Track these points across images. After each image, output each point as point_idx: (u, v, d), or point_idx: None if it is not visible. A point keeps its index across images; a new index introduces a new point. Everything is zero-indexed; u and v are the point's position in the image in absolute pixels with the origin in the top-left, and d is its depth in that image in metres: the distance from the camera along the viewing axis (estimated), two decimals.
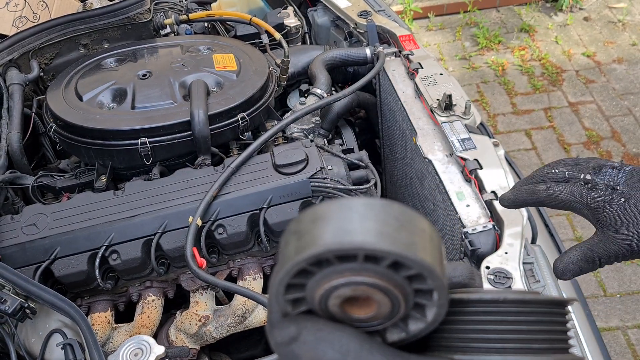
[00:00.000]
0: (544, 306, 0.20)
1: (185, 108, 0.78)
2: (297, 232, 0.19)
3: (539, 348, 0.20)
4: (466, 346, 0.20)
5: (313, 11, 1.21)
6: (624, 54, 2.31)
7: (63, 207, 0.73)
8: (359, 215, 0.18)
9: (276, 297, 0.19)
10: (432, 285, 0.19)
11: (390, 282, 0.19)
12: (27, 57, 0.91)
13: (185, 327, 0.71)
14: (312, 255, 0.18)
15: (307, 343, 0.19)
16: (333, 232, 0.18)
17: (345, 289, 0.19)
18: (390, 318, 0.20)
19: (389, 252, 0.18)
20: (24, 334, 0.66)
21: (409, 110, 0.92)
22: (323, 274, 0.19)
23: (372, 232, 0.18)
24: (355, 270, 0.18)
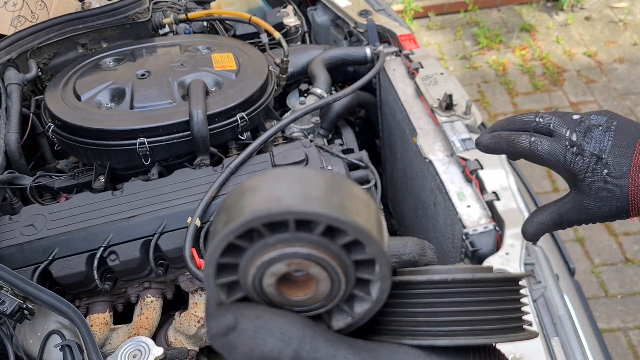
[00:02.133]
0: (494, 284, 0.19)
1: (184, 108, 0.78)
2: (224, 207, 0.18)
3: (490, 329, 0.19)
4: (415, 330, 0.19)
5: (313, 10, 1.21)
6: (625, 53, 2.30)
7: (61, 208, 0.73)
8: (287, 182, 0.17)
9: (207, 282, 0.18)
10: (371, 253, 0.18)
11: (326, 252, 0.17)
12: (26, 56, 0.90)
13: (184, 328, 0.71)
14: (238, 225, 0.16)
15: (245, 332, 0.17)
16: (260, 200, 0.17)
17: (279, 265, 0.17)
18: (331, 298, 0.18)
19: (319, 215, 0.16)
20: (22, 335, 0.66)
21: (410, 110, 0.91)
22: (254, 249, 0.17)
23: (301, 196, 0.17)
24: (287, 241, 0.17)
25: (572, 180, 0.37)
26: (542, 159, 0.37)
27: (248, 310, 0.18)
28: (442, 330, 0.19)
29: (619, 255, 1.59)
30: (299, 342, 0.17)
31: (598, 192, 0.35)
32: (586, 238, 1.63)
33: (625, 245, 1.61)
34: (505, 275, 0.19)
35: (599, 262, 1.58)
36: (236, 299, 0.19)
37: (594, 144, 0.35)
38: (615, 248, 1.60)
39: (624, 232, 1.64)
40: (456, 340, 0.18)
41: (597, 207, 0.35)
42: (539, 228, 0.38)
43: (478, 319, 0.19)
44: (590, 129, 0.36)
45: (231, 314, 0.18)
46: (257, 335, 0.17)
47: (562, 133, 0.36)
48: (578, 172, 0.35)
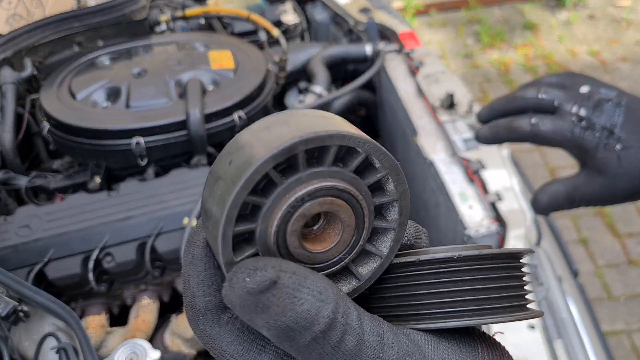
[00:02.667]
0: (500, 260, 0.18)
1: (181, 107, 0.77)
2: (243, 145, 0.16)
3: (498, 307, 0.18)
4: (420, 313, 0.18)
5: (312, 8, 1.20)
6: (628, 52, 2.28)
7: (57, 208, 0.72)
8: (315, 117, 0.16)
9: (224, 232, 0.15)
10: (398, 193, 0.17)
11: (358, 190, 0.16)
12: (21, 55, 0.89)
13: (181, 331, 0.70)
14: (284, 149, 0.15)
15: (285, 289, 0.15)
16: (298, 128, 0.15)
17: (312, 203, 0.16)
18: (350, 250, 0.17)
19: (367, 142, 0.16)
20: (18, 338, 0.65)
21: (410, 109, 0.90)
22: (286, 185, 0.15)
23: (343, 126, 0.16)
24: (324, 175, 0.16)
25: (582, 157, 0.34)
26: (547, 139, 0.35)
27: (284, 264, 0.16)
28: (449, 311, 0.18)
29: (623, 256, 1.57)
30: (335, 303, 0.16)
31: (611, 168, 0.32)
32: (589, 239, 1.61)
33: (629, 247, 1.59)
34: (510, 250, 0.19)
35: (602, 263, 1.56)
36: (246, 256, 0.16)
37: (605, 118, 0.33)
38: (618, 249, 1.59)
39: (628, 233, 1.62)
40: (465, 321, 0.17)
41: (610, 184, 0.33)
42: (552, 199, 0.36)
43: (485, 298, 0.18)
44: (600, 103, 0.33)
45: (270, 267, 0.15)
46: (295, 294, 0.15)
47: (568, 109, 0.34)
48: (589, 147, 0.33)
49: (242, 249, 0.17)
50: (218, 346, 0.17)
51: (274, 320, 0.15)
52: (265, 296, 0.15)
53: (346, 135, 0.16)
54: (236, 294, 0.15)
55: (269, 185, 0.16)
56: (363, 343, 0.16)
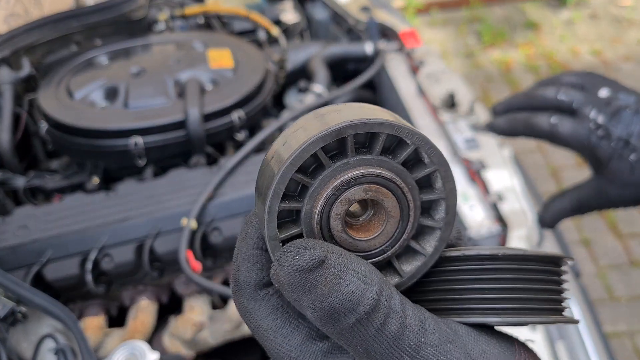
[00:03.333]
0: (542, 263, 0.19)
1: (180, 106, 0.76)
2: (298, 129, 0.16)
3: (538, 308, 0.18)
4: (462, 308, 0.18)
5: (312, 6, 1.19)
6: (630, 51, 2.27)
7: (55, 209, 0.71)
8: (368, 108, 0.17)
9: (271, 206, 0.16)
10: (444, 191, 0.17)
11: (405, 181, 0.17)
12: (19, 54, 0.89)
13: (179, 333, 0.69)
14: (334, 130, 0.15)
15: (332, 269, 0.15)
16: (350, 115, 0.16)
17: (358, 189, 0.16)
18: (393, 243, 0.17)
19: (416, 134, 0.16)
20: (15, 339, 0.64)
21: (411, 108, 0.89)
22: (333, 168, 0.16)
23: (393, 117, 0.17)
24: (371, 163, 0.16)
25: (596, 164, 0.35)
26: (564, 141, 0.35)
27: (332, 246, 0.16)
28: (490, 308, 0.18)
29: (625, 257, 1.56)
30: (379, 286, 0.16)
31: (623, 178, 0.33)
32: (592, 240, 1.61)
33: (631, 248, 1.58)
34: (552, 254, 0.19)
35: (604, 264, 1.55)
36: (291, 234, 0.17)
37: (622, 127, 0.33)
38: (620, 250, 1.58)
39: (630, 234, 1.61)
40: (506, 318, 0.18)
41: (619, 194, 0.33)
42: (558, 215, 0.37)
43: (526, 297, 0.18)
44: (619, 111, 0.34)
45: (319, 247, 0.16)
46: (341, 275, 0.16)
47: (586, 114, 0.34)
48: (603, 156, 0.34)
49: (288, 227, 0.17)
50: (254, 320, 0.17)
51: (320, 301, 0.15)
52: (313, 275, 0.15)
53: (395, 125, 0.16)
54: (285, 272, 0.16)
55: (318, 168, 0.16)
56: (405, 327, 0.16)
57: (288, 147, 0.16)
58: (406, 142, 0.16)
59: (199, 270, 0.65)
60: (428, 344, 0.16)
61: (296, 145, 0.16)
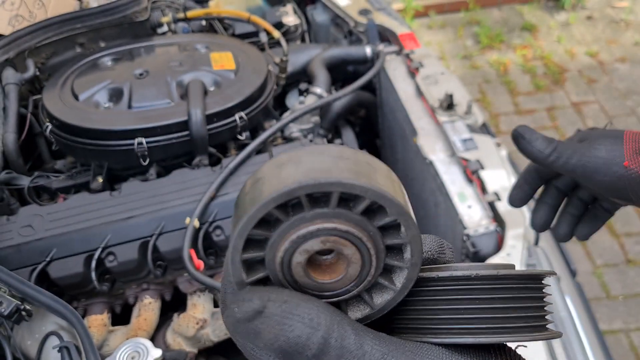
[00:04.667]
0: (519, 281, 0.19)
1: (183, 107, 0.77)
2: (260, 179, 0.17)
3: (514, 327, 0.18)
4: (436, 328, 0.19)
5: (312, 9, 1.20)
6: (627, 53, 2.29)
7: (59, 208, 0.72)
8: (331, 157, 0.17)
9: (233, 256, 0.17)
10: (408, 237, 0.17)
11: (364, 232, 0.17)
12: (23, 56, 0.90)
13: (182, 330, 0.70)
14: (282, 193, 0.16)
15: (273, 317, 0.16)
16: (305, 170, 0.16)
17: (314, 241, 0.17)
18: (357, 284, 0.18)
19: (367, 189, 0.16)
20: (20, 337, 0.65)
21: (410, 109, 0.91)
22: (290, 222, 0.17)
23: (349, 171, 0.17)
24: (327, 216, 0.17)
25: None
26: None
27: (275, 294, 0.17)
28: (465, 327, 0.18)
29: (621, 256, 1.58)
30: (327, 329, 0.17)
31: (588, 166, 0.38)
32: (591, 240, 1.62)
33: (627, 246, 1.60)
34: (529, 272, 0.19)
35: (600, 263, 1.57)
36: (257, 278, 0.18)
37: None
38: (617, 249, 1.59)
39: (626, 233, 1.63)
40: (480, 338, 0.18)
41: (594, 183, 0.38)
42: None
43: (502, 317, 0.18)
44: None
45: (257, 298, 0.17)
46: (284, 321, 0.16)
47: None
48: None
49: (257, 270, 0.18)
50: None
51: (271, 344, 0.16)
52: (254, 324, 0.17)
53: (346, 183, 0.16)
54: (229, 322, 0.17)
55: (277, 220, 0.17)
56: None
57: (247, 203, 0.17)
58: (362, 196, 0.17)
59: (202, 269, 0.66)
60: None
61: (253, 203, 0.16)
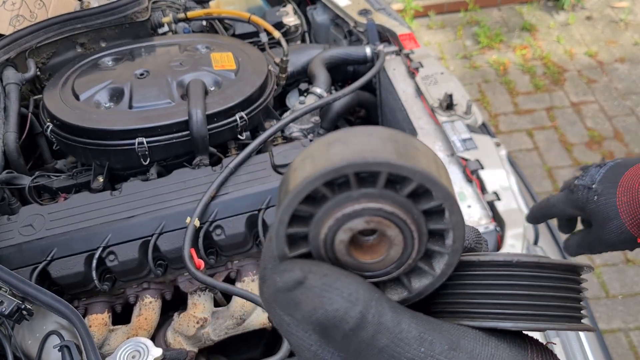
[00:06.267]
0: (558, 271, 0.19)
1: (183, 107, 0.77)
2: (309, 156, 0.17)
3: (552, 315, 0.18)
4: (474, 312, 0.18)
5: (312, 9, 1.21)
6: (626, 53, 2.29)
7: (60, 208, 0.72)
8: (380, 138, 0.17)
9: (278, 230, 0.17)
10: (452, 222, 0.17)
11: (408, 214, 0.17)
12: (24, 56, 0.90)
13: (183, 329, 0.70)
14: (332, 169, 0.16)
15: (313, 288, 0.17)
16: (354, 150, 0.16)
17: (359, 220, 0.17)
18: (398, 267, 0.18)
19: (415, 172, 0.16)
20: (21, 336, 0.65)
21: (410, 109, 0.91)
22: (336, 200, 0.17)
23: (398, 153, 0.16)
24: (373, 196, 0.17)
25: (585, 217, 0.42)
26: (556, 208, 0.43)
27: (316, 267, 0.17)
28: (503, 313, 0.18)
29: (620, 255, 1.58)
30: (365, 305, 0.17)
31: (596, 216, 0.38)
32: None
33: None
34: (569, 262, 0.19)
35: (599, 262, 1.57)
36: (299, 254, 0.18)
37: (587, 179, 0.39)
38: None
39: None
40: (519, 323, 0.18)
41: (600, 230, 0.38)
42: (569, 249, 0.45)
43: (540, 304, 0.18)
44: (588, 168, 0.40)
45: (299, 269, 0.17)
46: (323, 294, 0.17)
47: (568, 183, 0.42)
48: (580, 205, 0.40)
49: (299, 245, 0.18)
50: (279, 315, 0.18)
51: (309, 316, 0.17)
52: (294, 294, 0.17)
53: (395, 164, 0.16)
54: (269, 292, 0.17)
55: (324, 197, 0.17)
56: (401, 340, 0.17)
57: (294, 180, 0.17)
58: (409, 178, 0.17)
59: (202, 268, 0.66)
60: (427, 354, 0.17)
61: (300, 179, 0.17)
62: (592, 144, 1.93)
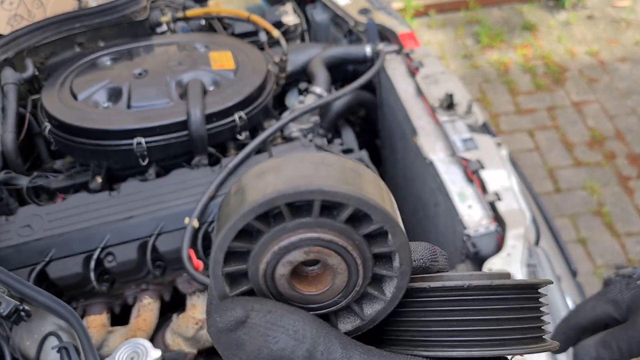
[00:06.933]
0: (514, 291, 0.18)
1: (182, 107, 0.77)
2: (240, 187, 0.17)
3: (510, 339, 0.18)
4: (429, 340, 0.18)
5: (312, 9, 1.20)
6: (627, 52, 2.28)
7: (58, 208, 0.72)
8: (312, 164, 0.16)
9: (214, 269, 0.16)
10: (396, 244, 0.17)
11: (348, 240, 0.16)
12: (22, 56, 0.90)
13: (182, 330, 0.70)
14: (261, 203, 0.15)
15: (256, 328, 0.16)
16: (285, 179, 0.16)
17: (297, 252, 0.16)
18: (345, 295, 0.17)
19: (350, 197, 0.15)
20: (19, 337, 0.65)
21: (410, 109, 0.90)
22: (271, 233, 0.16)
23: (330, 178, 0.16)
24: (309, 225, 0.16)
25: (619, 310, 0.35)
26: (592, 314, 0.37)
27: (259, 304, 0.16)
28: (457, 340, 0.18)
29: (622, 256, 1.57)
30: (313, 342, 0.16)
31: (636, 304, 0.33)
32: (588, 239, 1.62)
33: (628, 246, 1.60)
34: (524, 281, 0.18)
35: (601, 263, 1.56)
36: (240, 291, 0.17)
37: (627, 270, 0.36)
38: (617, 249, 1.59)
39: (627, 233, 1.63)
40: (473, 351, 0.17)
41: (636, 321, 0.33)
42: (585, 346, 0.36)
43: (496, 329, 0.18)
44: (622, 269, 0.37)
45: (240, 308, 0.16)
46: (268, 332, 0.16)
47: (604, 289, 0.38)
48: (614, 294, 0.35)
49: (240, 283, 0.17)
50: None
51: (254, 357, 0.16)
52: (236, 334, 0.16)
53: (328, 191, 0.15)
54: (211, 332, 0.16)
55: (259, 231, 0.16)
56: None
57: (226, 215, 0.16)
58: (345, 204, 0.16)
59: (201, 269, 0.66)
60: None
61: (232, 214, 0.16)
62: (593, 144, 1.93)
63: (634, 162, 1.84)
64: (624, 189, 1.76)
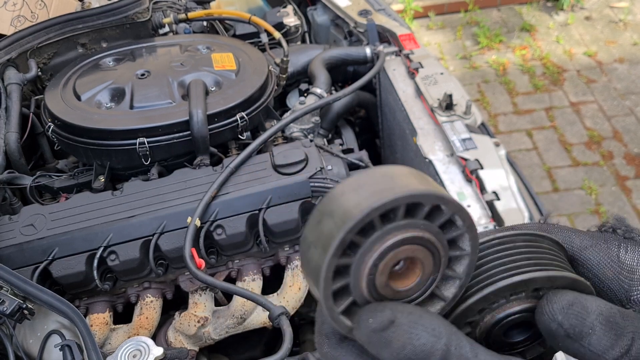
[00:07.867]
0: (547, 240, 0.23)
1: (184, 108, 0.78)
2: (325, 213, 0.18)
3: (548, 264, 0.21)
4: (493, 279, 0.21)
5: (313, 10, 1.21)
6: (625, 53, 2.30)
7: (61, 208, 0.73)
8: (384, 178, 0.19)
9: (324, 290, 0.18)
10: (465, 227, 0.19)
11: (431, 234, 0.19)
12: (25, 56, 0.90)
13: (184, 328, 0.71)
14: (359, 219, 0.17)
15: (402, 326, 0.18)
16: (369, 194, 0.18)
17: (393, 253, 0.18)
18: (431, 283, 0.20)
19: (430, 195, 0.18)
20: (22, 335, 0.66)
21: (410, 109, 0.91)
22: (368, 243, 0.18)
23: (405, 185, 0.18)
24: (399, 228, 0.18)
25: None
26: None
27: (400, 306, 0.19)
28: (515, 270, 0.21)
29: None
30: (448, 338, 0.18)
31: None
32: None
33: None
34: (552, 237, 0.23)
35: None
36: (345, 306, 0.19)
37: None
38: None
39: None
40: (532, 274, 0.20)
41: None
42: None
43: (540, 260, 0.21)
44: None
45: (389, 310, 0.18)
46: (411, 330, 0.18)
47: None
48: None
49: (341, 298, 0.19)
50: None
51: (397, 353, 0.18)
52: (386, 333, 0.18)
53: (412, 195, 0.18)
54: (363, 333, 0.19)
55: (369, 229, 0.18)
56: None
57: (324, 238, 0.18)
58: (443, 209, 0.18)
59: (203, 267, 0.66)
60: None
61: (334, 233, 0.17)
62: (591, 144, 1.94)
63: (631, 162, 1.86)
64: (621, 188, 1.77)
